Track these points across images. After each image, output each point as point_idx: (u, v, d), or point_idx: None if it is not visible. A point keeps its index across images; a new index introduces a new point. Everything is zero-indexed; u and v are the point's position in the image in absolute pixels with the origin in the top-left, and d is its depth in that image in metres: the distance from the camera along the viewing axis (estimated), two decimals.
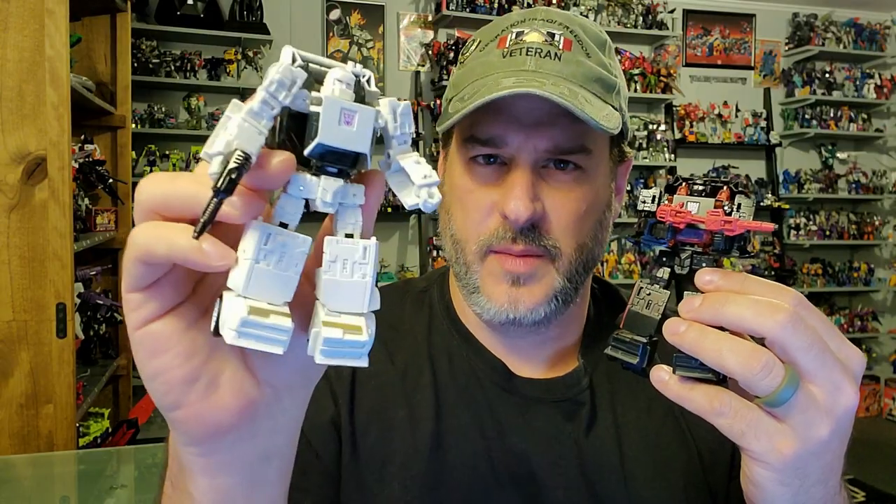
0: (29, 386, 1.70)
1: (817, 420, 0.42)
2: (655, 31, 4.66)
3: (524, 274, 0.67)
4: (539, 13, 0.71)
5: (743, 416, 0.42)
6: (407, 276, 4.28)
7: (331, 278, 0.34)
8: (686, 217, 0.46)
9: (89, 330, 2.30)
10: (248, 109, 0.31)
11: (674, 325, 0.43)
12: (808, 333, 0.41)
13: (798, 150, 5.19)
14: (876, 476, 3.42)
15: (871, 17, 5.14)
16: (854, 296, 5.23)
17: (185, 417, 0.38)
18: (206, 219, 0.31)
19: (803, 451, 0.42)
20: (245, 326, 0.32)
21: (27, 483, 1.58)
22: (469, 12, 4.18)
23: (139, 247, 0.34)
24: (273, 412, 0.41)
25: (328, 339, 0.33)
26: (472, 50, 0.74)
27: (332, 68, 0.34)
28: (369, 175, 0.37)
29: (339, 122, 0.32)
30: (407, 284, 0.85)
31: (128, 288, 0.36)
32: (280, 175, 0.33)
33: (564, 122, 0.65)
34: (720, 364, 0.41)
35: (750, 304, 0.41)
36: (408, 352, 0.75)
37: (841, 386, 0.42)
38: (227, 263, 0.33)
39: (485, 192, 0.68)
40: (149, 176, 0.36)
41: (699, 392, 0.43)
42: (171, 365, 0.36)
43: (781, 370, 0.41)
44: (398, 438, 0.70)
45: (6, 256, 1.66)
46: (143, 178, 0.36)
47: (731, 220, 0.44)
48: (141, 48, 3.78)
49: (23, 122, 1.67)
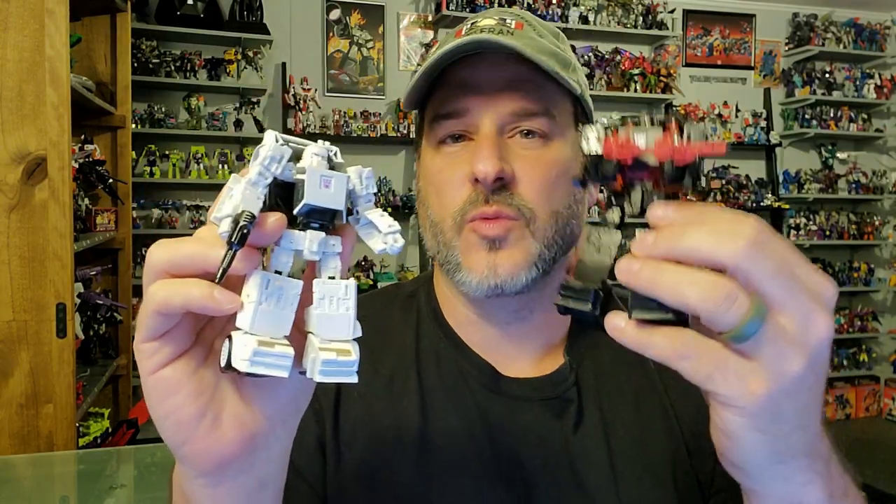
0: (29, 386, 1.70)
1: (789, 353, 0.38)
2: (655, 31, 4.66)
3: (499, 236, 0.67)
4: (493, 10, 0.76)
5: (708, 356, 0.39)
6: (407, 276, 4.28)
7: (321, 313, 0.41)
8: (633, 150, 0.42)
9: (89, 330, 2.30)
10: (247, 180, 0.39)
11: (627, 265, 0.40)
12: (773, 259, 0.38)
13: (798, 150, 5.19)
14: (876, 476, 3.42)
15: (871, 17, 5.14)
16: (854, 296, 5.23)
17: (194, 451, 0.43)
18: (225, 267, 0.38)
19: (776, 388, 0.38)
20: (256, 356, 0.39)
21: (27, 483, 1.58)
22: (469, 12, 4.18)
23: (159, 300, 0.40)
24: (269, 442, 0.46)
25: (326, 361, 0.40)
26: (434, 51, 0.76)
27: (308, 146, 0.42)
28: (343, 228, 0.43)
29: (319, 186, 0.40)
30: (396, 289, 0.85)
31: (143, 339, 0.41)
32: (275, 232, 0.40)
33: (526, 88, 0.68)
34: (680, 299, 0.37)
35: (707, 233, 0.38)
36: (395, 358, 0.76)
37: (812, 315, 0.38)
38: (235, 307, 0.40)
39: (454, 167, 0.70)
40: (157, 243, 0.42)
41: (659, 336, 0.39)
42: (183, 404, 0.42)
43: (746, 300, 0.37)
44: (386, 447, 0.70)
45: (6, 256, 1.66)
46: (152, 245, 0.42)
47: (679, 146, 0.40)
48: (141, 48, 3.78)
49: (23, 122, 1.67)
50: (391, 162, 4.40)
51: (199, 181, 3.94)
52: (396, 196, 4.28)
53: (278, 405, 0.46)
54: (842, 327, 4.96)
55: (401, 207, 4.23)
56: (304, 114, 4.11)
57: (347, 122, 4.19)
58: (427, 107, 0.74)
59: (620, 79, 4.61)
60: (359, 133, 4.20)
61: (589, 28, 4.50)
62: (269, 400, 0.45)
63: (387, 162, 4.38)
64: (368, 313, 0.81)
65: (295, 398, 0.48)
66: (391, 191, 4.28)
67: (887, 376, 5.01)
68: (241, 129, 4.02)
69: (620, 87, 4.61)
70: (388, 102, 4.38)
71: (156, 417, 0.43)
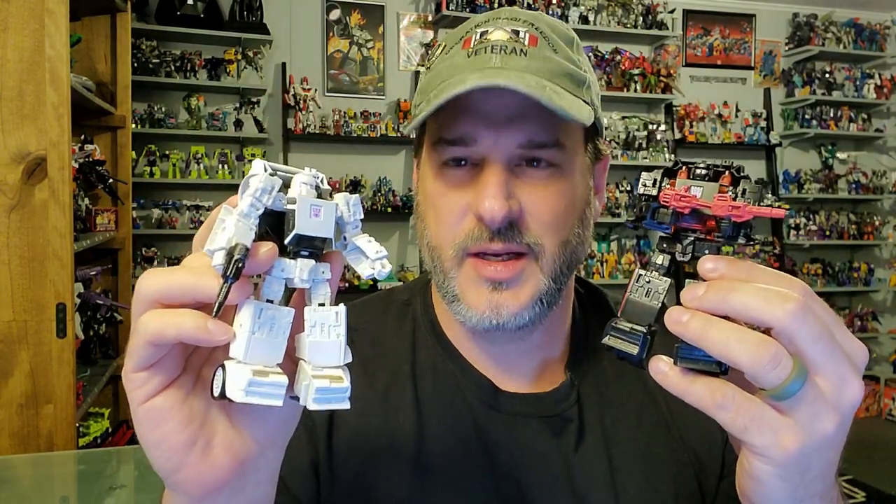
0: (29, 386, 1.69)
1: (823, 414, 0.40)
2: (655, 31, 4.66)
3: (506, 280, 0.65)
4: (503, 13, 0.69)
5: (746, 409, 0.40)
6: (407, 276, 4.28)
7: (313, 340, 0.42)
8: (691, 202, 0.43)
9: (89, 330, 2.30)
10: (239, 212, 0.39)
11: (677, 314, 0.41)
12: (817, 324, 0.40)
13: (798, 150, 5.19)
14: (876, 476, 3.41)
15: (871, 17, 5.13)
16: (854, 296, 5.23)
17: (185, 479, 0.43)
18: (221, 300, 0.38)
19: (807, 446, 0.40)
20: (251, 386, 0.39)
21: (27, 483, 1.58)
22: (469, 12, 4.18)
23: (151, 332, 0.40)
24: (258, 465, 0.47)
25: (319, 388, 0.41)
26: (438, 54, 0.72)
27: (296, 174, 0.42)
28: (332, 255, 0.44)
29: (310, 215, 0.41)
30: (389, 295, 0.82)
31: (134, 368, 0.41)
32: (267, 261, 0.40)
33: (535, 117, 0.63)
34: (727, 355, 0.39)
35: (757, 293, 0.40)
36: (390, 371, 0.73)
37: (847, 379, 0.40)
38: (228, 338, 0.40)
39: (457, 194, 0.66)
40: (147, 272, 0.42)
41: (700, 385, 0.41)
42: (173, 431, 0.42)
43: (790, 362, 0.39)
44: (381, 464, 0.69)
45: (6, 256, 1.66)
46: (143, 274, 0.42)
47: (739, 205, 0.42)
48: (141, 48, 3.78)
49: (23, 122, 1.67)
50: (391, 162, 4.40)
51: (199, 181, 3.94)
52: (396, 196, 4.28)
53: (268, 429, 0.47)
54: None
55: (401, 207, 4.23)
56: (304, 114, 4.11)
57: (347, 122, 4.19)
58: (428, 124, 0.70)
59: (620, 79, 4.61)
60: (359, 133, 4.20)
61: (589, 28, 4.50)
62: (260, 425, 0.46)
63: (387, 162, 4.38)
64: (361, 324, 0.78)
65: (284, 422, 0.48)
66: (391, 191, 4.28)
67: (887, 376, 5.01)
68: (241, 129, 4.02)
69: (620, 87, 4.61)
70: (388, 102, 4.38)
71: (146, 446, 0.43)
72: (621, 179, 4.72)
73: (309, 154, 4.22)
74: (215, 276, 0.39)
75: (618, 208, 4.63)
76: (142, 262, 3.79)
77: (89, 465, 1.66)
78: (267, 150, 4.15)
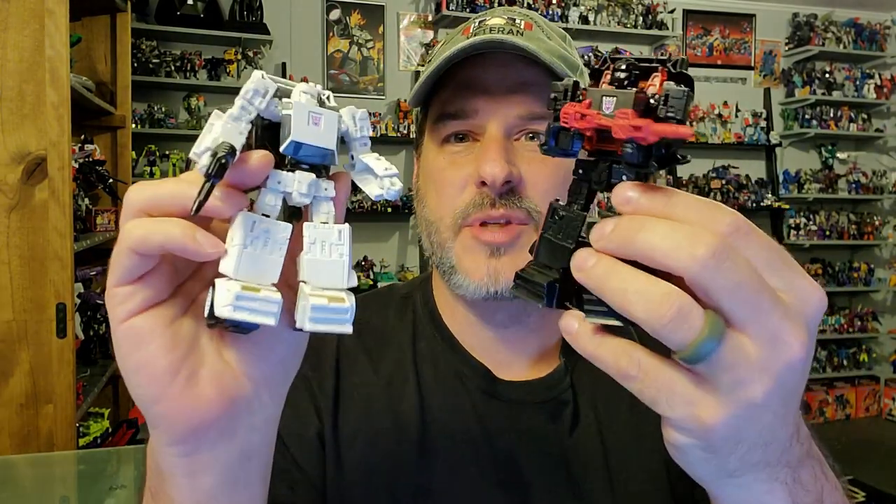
0: (29, 386, 1.69)
1: (748, 379, 0.33)
2: (655, 31, 4.66)
3: (505, 243, 0.65)
4: (500, 8, 0.74)
5: (653, 378, 0.34)
6: (407, 276, 4.28)
7: (312, 258, 0.38)
8: (592, 120, 0.35)
9: (89, 330, 2.30)
10: (229, 114, 0.36)
11: (581, 259, 0.35)
12: (737, 270, 0.32)
13: (798, 150, 5.18)
14: (876, 476, 3.41)
15: (871, 17, 5.13)
16: (854, 296, 5.22)
17: (166, 411, 0.39)
18: (202, 199, 0.35)
19: (731, 416, 0.34)
20: (239, 300, 0.36)
21: (27, 483, 1.58)
22: (469, 12, 4.18)
23: (135, 237, 0.36)
24: (252, 408, 0.42)
25: (315, 307, 0.37)
26: (438, 48, 0.75)
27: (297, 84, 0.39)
28: (338, 175, 0.41)
29: (308, 122, 0.37)
30: (390, 290, 0.84)
31: (116, 282, 0.38)
32: (260, 169, 0.37)
33: (535, 91, 0.66)
34: (625, 309, 0.33)
35: (666, 233, 0.33)
36: (392, 360, 0.75)
37: (781, 335, 0.33)
38: (217, 252, 0.37)
39: (458, 167, 0.68)
40: (135, 184, 0.39)
41: (606, 349, 0.35)
42: (154, 356, 0.38)
43: (700, 319, 0.32)
44: (384, 449, 0.70)
45: (6, 256, 1.66)
46: (131, 186, 0.39)
47: (641, 123, 0.33)
48: (141, 48, 3.77)
49: (23, 122, 1.67)
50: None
51: None
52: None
53: (265, 367, 0.42)
54: (842, 327, 4.96)
55: (401, 207, 4.23)
56: None
57: None
58: (431, 104, 0.73)
59: None
60: None
61: (589, 28, 4.50)
62: (255, 360, 0.42)
63: None
64: (365, 317, 0.80)
65: (283, 361, 0.44)
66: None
67: (887, 376, 5.01)
68: None
69: None
70: (388, 102, 4.38)
71: (126, 371, 0.39)
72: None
73: None
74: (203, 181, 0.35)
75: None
76: None
77: (89, 465, 1.66)
78: None
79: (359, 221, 4.24)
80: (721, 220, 0.34)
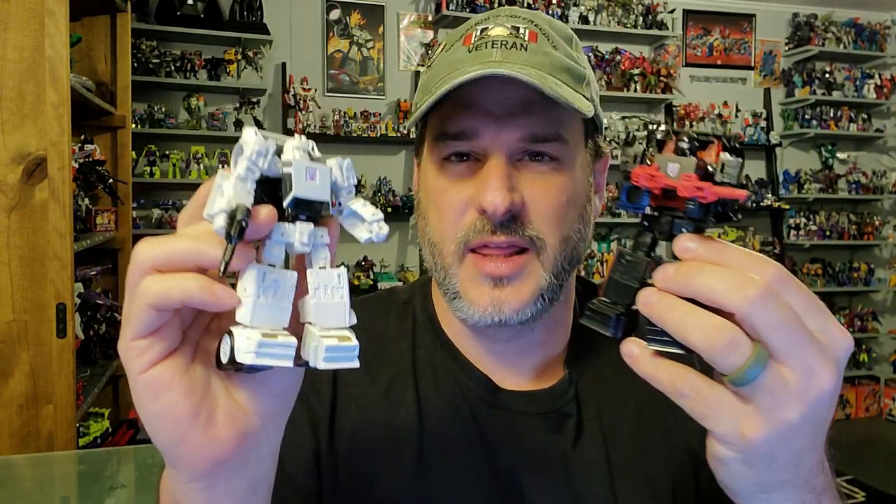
0: (29, 386, 1.70)
1: (786, 403, 0.39)
2: (655, 31, 4.66)
3: (507, 276, 0.65)
4: (503, 11, 0.71)
5: (705, 397, 0.41)
6: (407, 276, 4.28)
7: (318, 302, 0.42)
8: (660, 181, 0.42)
9: (89, 330, 2.30)
10: (237, 175, 0.39)
11: (646, 295, 0.41)
12: (780, 312, 0.39)
13: (798, 150, 5.18)
14: (876, 476, 3.41)
15: (871, 17, 5.13)
16: (854, 296, 5.23)
17: (188, 452, 0.42)
18: (227, 260, 0.38)
19: (769, 434, 0.40)
20: (262, 348, 0.39)
21: (27, 483, 1.58)
22: (469, 12, 4.18)
23: (155, 294, 0.39)
24: (260, 441, 0.46)
25: (329, 347, 0.41)
26: (439, 52, 0.72)
27: (288, 140, 0.42)
28: (328, 220, 0.43)
29: (305, 178, 0.41)
30: (390, 295, 0.83)
31: (133, 336, 0.40)
32: (267, 224, 0.40)
33: (537, 111, 0.64)
34: (685, 338, 0.39)
35: (721, 277, 0.39)
36: (391, 367, 0.74)
37: (815, 369, 0.39)
38: (234, 303, 0.39)
39: (459, 188, 0.66)
40: (144, 240, 0.41)
41: (663, 371, 0.41)
42: (175, 402, 0.41)
43: (748, 348, 0.38)
44: (382, 460, 0.69)
45: (6, 256, 1.66)
46: (139, 242, 0.41)
47: (703, 185, 0.40)
48: (141, 48, 3.78)
49: (23, 122, 1.67)
50: (391, 162, 4.40)
51: (200, 181, 3.90)
52: (397, 196, 4.27)
53: (269, 401, 0.45)
54: None
55: (401, 207, 4.23)
56: (304, 114, 4.11)
57: (347, 122, 4.18)
58: (429, 118, 0.70)
59: (620, 79, 4.61)
60: (359, 133, 4.19)
61: (589, 28, 4.50)
62: (261, 396, 0.45)
63: (387, 162, 4.38)
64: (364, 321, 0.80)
65: (285, 393, 0.47)
66: (391, 191, 4.28)
67: (887, 376, 5.01)
68: (241, 129, 3.97)
69: (620, 87, 4.61)
70: (388, 102, 4.38)
71: (147, 418, 0.41)
72: (621, 179, 4.71)
73: None
74: (218, 240, 0.38)
75: (618, 208, 4.63)
76: None
77: (89, 465, 1.66)
78: None
79: None
80: (766, 269, 0.40)
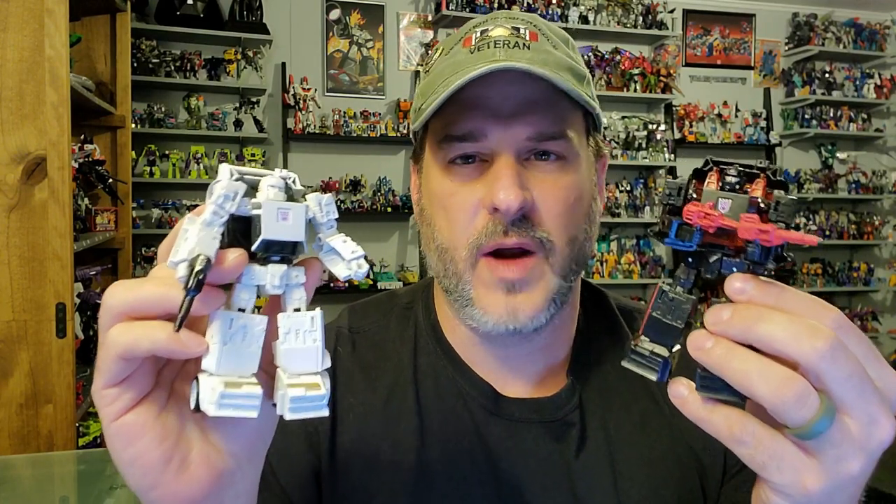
0: (29, 386, 1.69)
1: (849, 455, 0.38)
2: (655, 31, 4.66)
3: (519, 280, 0.64)
4: (501, 14, 0.71)
5: (766, 446, 0.38)
6: (407, 276, 4.28)
7: (288, 347, 0.40)
8: (716, 221, 0.39)
9: (89, 330, 2.30)
10: (202, 221, 0.38)
11: (699, 340, 0.39)
12: (849, 363, 0.37)
13: (798, 150, 5.19)
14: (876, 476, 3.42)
15: (871, 17, 5.14)
16: (854, 296, 5.23)
17: (162, 496, 0.42)
18: (183, 314, 0.37)
19: (830, 485, 0.38)
20: (224, 399, 0.38)
21: (27, 483, 1.58)
22: (469, 12, 4.18)
23: (122, 344, 0.38)
24: (235, 479, 0.45)
25: (294, 398, 0.39)
26: (437, 57, 0.71)
27: (264, 177, 0.41)
28: (308, 262, 0.42)
29: (277, 219, 0.39)
30: (391, 299, 0.81)
31: (104, 384, 0.40)
32: (235, 269, 0.39)
33: (543, 109, 0.64)
34: (748, 388, 0.37)
35: (786, 325, 0.37)
36: (392, 374, 0.73)
37: (877, 419, 0.38)
38: (201, 350, 0.39)
39: (468, 190, 0.65)
40: (114, 284, 0.40)
41: (719, 416, 0.39)
42: (148, 449, 0.41)
43: (816, 401, 0.36)
44: (382, 470, 0.68)
45: (6, 256, 1.66)
46: (109, 287, 0.40)
47: (768, 228, 0.37)
48: (141, 48, 3.78)
49: (23, 122, 1.67)
50: (391, 162, 4.40)
51: (199, 181, 3.94)
52: (396, 196, 4.28)
53: (243, 443, 0.45)
54: None
55: (401, 207, 4.23)
56: (304, 114, 4.11)
57: (347, 122, 4.19)
58: (430, 125, 0.69)
59: (620, 79, 4.61)
60: (358, 133, 4.20)
61: (589, 28, 4.50)
62: (234, 438, 0.45)
63: (387, 162, 4.38)
64: (363, 327, 0.78)
65: (260, 432, 0.47)
66: (391, 191, 4.28)
67: None
68: (240, 129, 4.01)
69: (620, 86, 4.61)
70: (388, 102, 4.38)
71: (120, 464, 0.41)
72: (621, 179, 4.72)
73: (309, 154, 4.22)
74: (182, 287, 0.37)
75: (618, 208, 4.63)
76: (141, 262, 3.79)
77: (89, 465, 1.66)
78: (267, 150, 4.15)
79: (359, 221, 4.24)
80: (829, 315, 0.38)
